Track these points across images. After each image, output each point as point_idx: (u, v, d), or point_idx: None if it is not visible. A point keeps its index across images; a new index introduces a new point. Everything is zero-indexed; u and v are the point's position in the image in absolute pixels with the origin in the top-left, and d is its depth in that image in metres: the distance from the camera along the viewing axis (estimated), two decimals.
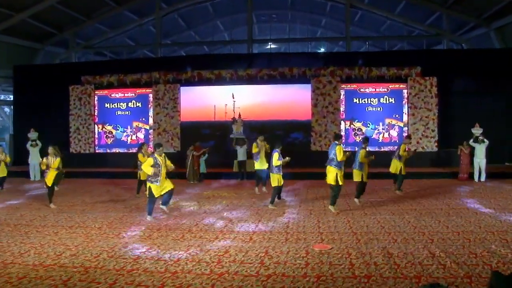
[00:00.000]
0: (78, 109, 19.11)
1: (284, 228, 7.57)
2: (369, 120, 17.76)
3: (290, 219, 8.31)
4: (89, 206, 10.19)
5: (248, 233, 7.22)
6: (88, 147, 18.98)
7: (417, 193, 11.59)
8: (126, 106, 19.09)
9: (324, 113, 17.76)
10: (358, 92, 17.84)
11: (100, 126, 19.22)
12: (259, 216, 8.71)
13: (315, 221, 8.12)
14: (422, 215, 8.52)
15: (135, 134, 19.00)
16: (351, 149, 17.40)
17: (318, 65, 18.00)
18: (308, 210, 9.26)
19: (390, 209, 9.30)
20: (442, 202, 10.00)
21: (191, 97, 18.74)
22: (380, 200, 10.52)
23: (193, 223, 8.10)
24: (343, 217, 8.40)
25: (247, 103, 18.33)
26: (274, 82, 18.19)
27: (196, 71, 18.28)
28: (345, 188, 10.83)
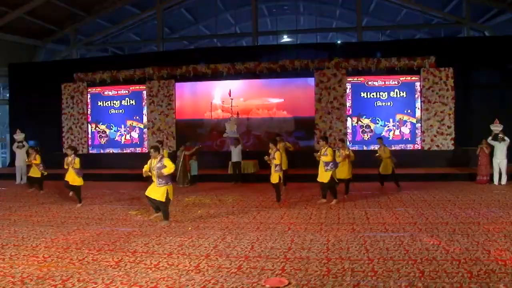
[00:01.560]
0: (70, 107, 18.17)
1: (245, 250, 6.18)
2: (378, 116, 16.13)
3: (259, 236, 6.90)
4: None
5: (199, 257, 5.86)
6: (81, 147, 18.00)
7: (424, 199, 9.96)
8: (120, 104, 18.03)
9: (329, 109, 16.23)
10: (366, 86, 16.21)
11: (94, 126, 18.21)
12: (227, 231, 7.33)
13: (288, 240, 6.67)
14: (421, 231, 6.97)
15: (129, 133, 17.91)
16: (358, 148, 15.93)
17: (322, 57, 16.42)
18: (288, 225, 7.82)
19: (381, 221, 7.77)
20: (450, 213, 8.37)
21: (186, 93, 17.52)
22: (375, 204, 8.98)
23: (145, 241, 6.78)
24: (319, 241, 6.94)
25: (245, 99, 16.95)
26: (274, 76, 16.77)
27: (192, 66, 17.01)
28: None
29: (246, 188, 12.94)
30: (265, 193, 11.56)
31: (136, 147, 17.78)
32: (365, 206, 9.46)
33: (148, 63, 17.49)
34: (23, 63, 19.37)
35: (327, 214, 8.66)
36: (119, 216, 8.89)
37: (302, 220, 8.13)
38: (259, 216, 8.56)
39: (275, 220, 8.20)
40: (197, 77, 17.12)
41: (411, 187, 12.19)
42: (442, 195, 10.58)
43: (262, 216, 8.55)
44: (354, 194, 11.23)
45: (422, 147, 15.68)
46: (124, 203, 10.58)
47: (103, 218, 8.71)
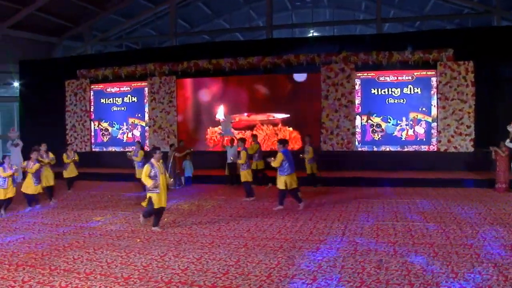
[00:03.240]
0: (74, 105, 17.85)
1: (174, 273, 5.30)
2: (390, 115, 14.80)
3: (204, 255, 5.99)
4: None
5: (114, 282, 5.04)
6: (84, 145, 17.66)
7: (437, 210, 8.71)
8: (122, 101, 17.53)
9: (336, 107, 15.04)
10: (377, 81, 14.90)
11: (96, 123, 17.81)
12: (174, 246, 6.49)
13: (232, 262, 5.73)
14: (437, 256, 5.85)
15: (131, 131, 17.38)
16: (367, 148, 14.71)
17: (329, 50, 15.21)
18: (248, 240, 6.87)
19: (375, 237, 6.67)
20: (449, 238, 7.14)
21: (188, 90, 16.79)
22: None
23: (78, 254, 6.03)
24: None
25: (247, 95, 16.03)
26: (279, 71, 15.74)
27: (193, 61, 16.24)
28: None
29: (237, 191, 12.03)
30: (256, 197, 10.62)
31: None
32: (361, 215, 8.35)
33: (149, 59, 16.86)
34: (33, 60, 19.21)
35: (302, 226, 7.63)
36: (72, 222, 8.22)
37: (268, 234, 7.16)
38: (225, 228, 7.68)
39: (238, 233, 7.29)
40: (199, 73, 16.34)
41: (422, 194, 10.95)
42: (458, 207, 9.16)
43: (227, 228, 7.66)
44: (360, 200, 10.11)
45: (438, 148, 14.25)
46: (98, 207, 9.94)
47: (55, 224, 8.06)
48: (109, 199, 11.09)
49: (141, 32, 24.96)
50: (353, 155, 14.95)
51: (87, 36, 23.05)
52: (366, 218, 8.14)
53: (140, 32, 24.94)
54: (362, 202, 9.93)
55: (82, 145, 17.65)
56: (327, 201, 10.17)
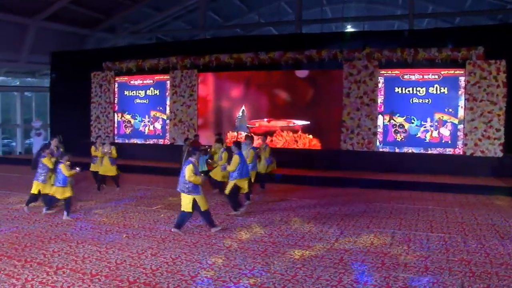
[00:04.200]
0: (98, 96, 18.21)
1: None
2: (414, 115, 14.12)
3: (181, 255, 5.84)
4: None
5: (83, 276, 4.99)
6: (107, 136, 17.93)
7: (460, 220, 8.19)
8: (145, 94, 17.69)
9: (358, 105, 14.52)
10: (401, 80, 14.25)
11: (120, 115, 18.09)
12: (153, 245, 6.38)
13: (195, 267, 5.54)
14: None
15: (153, 124, 17.52)
16: (389, 149, 14.15)
17: (353, 46, 14.67)
18: (220, 247, 6.65)
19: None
20: (488, 256, 6.64)
21: (209, 84, 16.72)
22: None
23: (59, 247, 6.04)
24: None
25: (267, 93, 15.77)
26: (300, 67, 15.35)
27: (214, 55, 16.13)
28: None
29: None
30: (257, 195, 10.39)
31: (158, 138, 17.39)
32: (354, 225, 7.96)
33: (172, 52, 16.90)
34: (64, 52, 19.70)
35: (326, 233, 7.33)
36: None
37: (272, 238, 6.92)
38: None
39: (227, 234, 7.06)
40: (220, 67, 16.21)
41: (456, 201, 10.27)
42: (501, 218, 8.42)
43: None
44: (391, 205, 9.65)
45: (463, 152, 13.47)
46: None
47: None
48: (119, 191, 11.14)
49: (172, 25, 25.23)
50: (374, 156, 14.39)
51: (119, 28, 23.47)
52: (429, 228, 7.55)
53: (171, 25, 25.21)
54: (393, 207, 9.44)
55: (105, 136, 17.95)
56: (347, 204, 9.77)
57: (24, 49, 20.78)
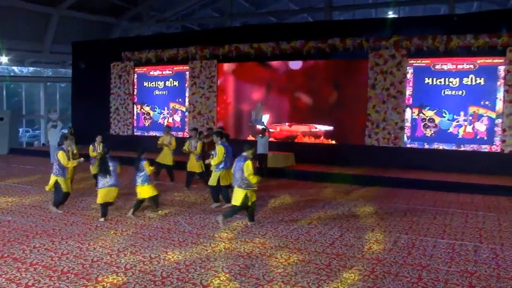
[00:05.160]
0: (118, 87, 18.57)
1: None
2: (446, 108, 13.50)
3: (161, 254, 5.82)
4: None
5: (53, 274, 5.06)
6: (126, 129, 18.35)
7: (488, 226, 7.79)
8: (164, 85, 17.88)
9: (384, 97, 14.06)
10: (432, 70, 13.64)
11: (139, 107, 18.38)
12: (137, 242, 6.40)
13: (171, 267, 5.49)
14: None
15: (172, 116, 17.69)
16: (417, 145, 13.66)
17: (380, 34, 14.18)
18: (204, 247, 6.57)
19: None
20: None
21: (229, 74, 16.66)
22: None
23: (42, 243, 6.17)
24: None
25: (288, 82, 15.55)
26: (323, 56, 15.02)
27: (234, 45, 16.04)
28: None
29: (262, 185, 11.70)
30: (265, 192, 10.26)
31: (177, 131, 17.50)
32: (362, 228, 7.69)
33: (192, 42, 16.95)
34: (85, 41, 20.21)
35: (357, 240, 7.16)
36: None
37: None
38: (208, 223, 7.42)
39: (221, 232, 7.00)
40: (240, 57, 16.11)
41: (469, 204, 9.75)
42: (509, 223, 7.99)
43: (212, 225, 7.40)
44: (433, 209, 9.32)
45: (501, 149, 12.76)
46: None
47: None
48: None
49: (199, 13, 25.32)
50: (401, 152, 13.89)
51: (145, 17, 23.82)
52: (441, 234, 7.16)
53: (199, 13, 25.31)
54: (409, 208, 9.09)
55: (124, 129, 18.36)
56: (358, 204, 9.50)
57: (48, 39, 21.50)
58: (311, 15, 24.17)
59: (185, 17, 25.42)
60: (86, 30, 22.51)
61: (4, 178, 12.11)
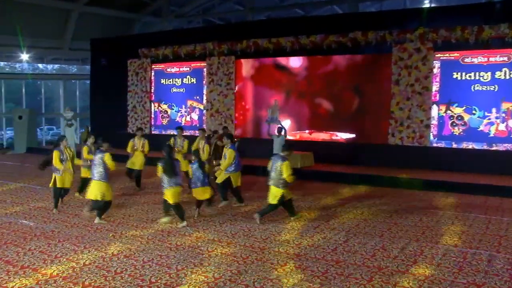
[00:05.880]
0: (135, 85, 18.91)
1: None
2: (476, 105, 13.13)
3: (155, 258, 5.91)
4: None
5: (41, 277, 5.23)
6: (144, 127, 18.61)
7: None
8: (181, 83, 18.10)
9: (409, 94, 13.80)
10: (461, 64, 13.28)
11: (156, 105, 18.67)
12: (134, 245, 6.52)
13: (162, 272, 5.56)
14: None
15: (189, 114, 17.90)
16: (445, 144, 13.36)
17: (405, 26, 13.90)
18: (199, 252, 6.60)
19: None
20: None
21: (247, 71, 16.71)
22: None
23: (38, 245, 6.39)
24: None
25: (307, 78, 15.47)
26: (344, 51, 14.85)
27: (252, 40, 16.07)
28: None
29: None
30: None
31: (195, 129, 17.63)
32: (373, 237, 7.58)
33: (209, 37, 17.07)
34: (103, 38, 20.63)
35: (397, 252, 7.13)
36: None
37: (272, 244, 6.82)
38: (214, 229, 7.48)
39: (220, 237, 7.05)
40: (259, 53, 16.13)
41: (494, 209, 9.42)
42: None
43: (216, 229, 7.45)
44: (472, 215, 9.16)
45: None
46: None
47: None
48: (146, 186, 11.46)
49: (221, 7, 25.48)
50: (426, 152, 13.61)
51: (165, 11, 24.15)
52: (455, 241, 6.93)
53: (221, 7, 25.47)
54: (426, 212, 8.85)
55: (142, 127, 18.63)
56: (373, 205, 9.40)
57: (67, 36, 22.11)
58: (339, 6, 23.91)
59: (206, 11, 25.64)
60: (106, 26, 23.00)
61: (16, 178, 12.56)
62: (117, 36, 20.25)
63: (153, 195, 10.34)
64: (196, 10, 25.38)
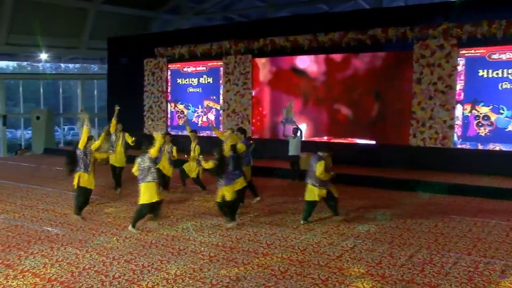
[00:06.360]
0: (151, 85, 19.18)
1: None
2: (504, 104, 12.82)
3: (155, 263, 6.02)
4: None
5: (38, 282, 5.40)
6: (160, 128, 18.90)
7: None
8: (198, 82, 18.26)
9: (431, 93, 13.60)
10: (487, 60, 12.99)
11: (173, 105, 18.90)
12: (136, 250, 6.65)
13: (161, 277, 5.66)
14: None
15: (206, 114, 18.05)
16: (470, 146, 13.14)
17: (426, 22, 13.69)
18: (200, 257, 6.68)
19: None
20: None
21: (264, 70, 16.74)
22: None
23: (41, 249, 6.59)
24: None
25: (325, 78, 15.41)
26: (363, 49, 14.72)
27: (269, 39, 16.10)
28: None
29: (290, 189, 11.77)
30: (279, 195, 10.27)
31: (212, 130, 17.82)
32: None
33: (225, 35, 17.17)
34: (120, 37, 20.95)
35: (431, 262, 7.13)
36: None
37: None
38: (221, 234, 7.57)
39: (225, 241, 7.12)
40: (276, 51, 16.13)
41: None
42: None
43: (223, 234, 7.54)
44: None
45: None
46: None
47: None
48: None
49: (242, 3, 25.55)
50: (449, 154, 13.37)
51: (184, 8, 24.37)
52: (469, 249, 6.83)
53: (241, 3, 25.54)
54: (444, 218, 8.72)
55: (158, 128, 18.93)
56: (387, 210, 9.31)
57: (85, 35, 22.60)
58: (365, 1, 23.66)
59: (226, 8, 25.75)
60: (123, 24, 23.39)
61: (29, 179, 12.94)
62: (133, 35, 20.53)
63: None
64: (216, 7, 25.51)
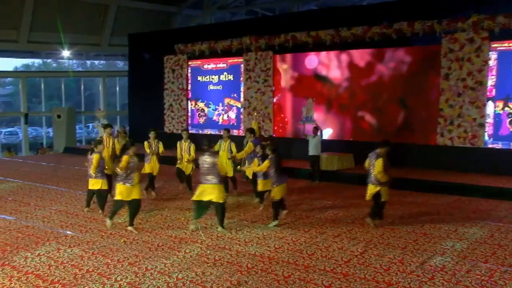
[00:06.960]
0: (171, 82, 19.47)
1: None
2: None
3: (159, 266, 6.20)
4: None
5: (41, 284, 5.65)
6: (180, 126, 19.21)
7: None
8: (218, 80, 18.46)
9: (460, 89, 13.39)
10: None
11: (193, 103, 19.15)
12: (142, 252, 6.85)
13: (165, 280, 5.81)
14: None
15: (227, 113, 18.24)
16: (502, 145, 12.91)
17: (454, 14, 13.47)
18: (201, 261, 6.80)
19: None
20: None
21: (286, 67, 16.80)
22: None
23: (48, 250, 6.87)
24: None
25: (348, 74, 15.35)
26: (388, 44, 14.60)
27: (291, 34, 16.15)
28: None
29: (309, 190, 11.80)
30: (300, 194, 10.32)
31: (232, 128, 17.96)
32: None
33: (246, 31, 17.29)
34: (141, 34, 21.37)
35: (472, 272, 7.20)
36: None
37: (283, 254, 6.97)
38: (227, 236, 7.70)
39: (231, 244, 7.25)
40: (297, 47, 16.18)
41: None
42: None
43: (228, 236, 7.67)
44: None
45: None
46: None
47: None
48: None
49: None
50: (479, 153, 13.14)
51: (207, 3, 24.61)
52: (487, 256, 6.72)
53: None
54: (466, 224, 8.54)
55: (178, 126, 19.24)
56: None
57: (106, 32, 23.12)
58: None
59: (250, 2, 25.86)
60: (145, 20, 23.83)
61: (45, 180, 13.37)
62: (154, 31, 20.88)
63: (176, 201, 10.67)
64: (240, 0, 25.66)
